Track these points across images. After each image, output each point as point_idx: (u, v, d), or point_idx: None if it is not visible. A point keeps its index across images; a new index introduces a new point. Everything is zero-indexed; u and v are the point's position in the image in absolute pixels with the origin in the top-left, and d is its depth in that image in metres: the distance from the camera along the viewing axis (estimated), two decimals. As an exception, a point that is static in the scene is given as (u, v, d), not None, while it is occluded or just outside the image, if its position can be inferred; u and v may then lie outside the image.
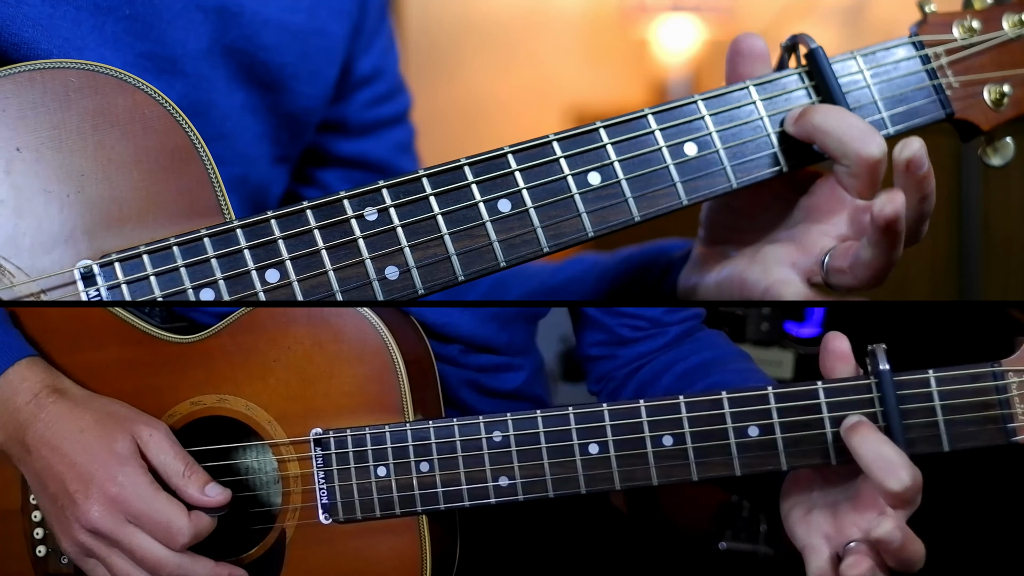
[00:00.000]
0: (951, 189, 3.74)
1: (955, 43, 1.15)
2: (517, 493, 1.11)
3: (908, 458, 1.00)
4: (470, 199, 1.02)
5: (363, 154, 1.48)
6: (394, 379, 1.13)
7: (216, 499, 1.13)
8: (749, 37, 1.11)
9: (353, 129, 1.47)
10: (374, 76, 1.47)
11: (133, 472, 1.11)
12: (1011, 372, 1.03)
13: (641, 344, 1.39)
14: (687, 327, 1.41)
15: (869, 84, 1.12)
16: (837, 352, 1.06)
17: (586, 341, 1.43)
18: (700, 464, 1.08)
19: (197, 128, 1.02)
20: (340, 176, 1.49)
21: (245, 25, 1.27)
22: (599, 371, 1.43)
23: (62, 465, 1.12)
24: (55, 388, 1.16)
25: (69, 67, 0.99)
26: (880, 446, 1.00)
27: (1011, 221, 3.70)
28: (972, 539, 2.23)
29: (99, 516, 1.10)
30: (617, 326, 1.39)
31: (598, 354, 1.43)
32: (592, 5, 4.32)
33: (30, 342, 1.19)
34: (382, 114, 1.50)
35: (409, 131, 1.57)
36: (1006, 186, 3.70)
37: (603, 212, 1.05)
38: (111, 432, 1.13)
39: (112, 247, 0.98)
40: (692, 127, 1.08)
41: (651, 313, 1.39)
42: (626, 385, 1.39)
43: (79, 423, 1.13)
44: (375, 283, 1.00)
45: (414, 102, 1.58)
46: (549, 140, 1.05)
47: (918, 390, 1.04)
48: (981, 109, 1.15)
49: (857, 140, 1.04)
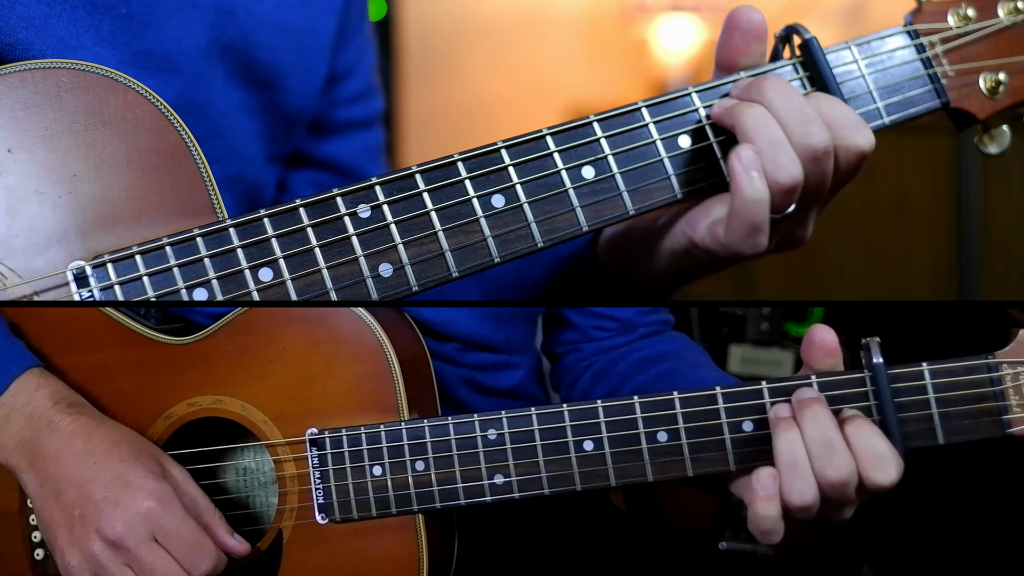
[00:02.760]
0: (951, 189, 3.74)
1: (950, 31, 1.14)
2: (513, 491, 1.11)
3: (899, 454, 1.00)
4: (463, 195, 1.02)
5: (331, 156, 1.47)
6: (389, 379, 1.13)
7: (243, 549, 1.13)
8: (748, 11, 1.08)
9: (325, 128, 1.46)
10: (347, 74, 1.46)
11: (169, 492, 1.10)
12: (1005, 364, 1.03)
13: (605, 341, 1.40)
14: (654, 328, 1.42)
15: (864, 74, 1.11)
16: (823, 345, 1.05)
17: (556, 339, 1.44)
18: (695, 460, 1.08)
19: (193, 127, 1.02)
20: (307, 179, 1.49)
21: (240, 23, 1.26)
22: (562, 365, 1.44)
23: (89, 472, 1.10)
24: (73, 402, 1.15)
25: (60, 67, 0.99)
26: (872, 439, 1.00)
27: (1011, 221, 3.71)
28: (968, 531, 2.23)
29: (124, 528, 1.08)
30: (589, 327, 1.40)
31: (563, 350, 1.44)
32: (592, 5, 4.32)
33: (29, 345, 1.19)
34: (352, 115, 1.49)
35: (379, 137, 1.55)
36: (1006, 186, 3.71)
37: (597, 206, 1.04)
38: (144, 453, 1.12)
39: (105, 247, 0.98)
40: (686, 119, 1.07)
41: (623, 314, 1.39)
42: (583, 376, 1.40)
43: (110, 436, 1.12)
44: (369, 281, 1.00)
45: (411, 103, 1.57)
46: (542, 134, 1.04)
47: (912, 383, 1.04)
48: (977, 98, 1.14)
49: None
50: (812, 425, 1.01)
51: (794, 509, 1.00)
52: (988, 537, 2.21)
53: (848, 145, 1.04)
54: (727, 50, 1.09)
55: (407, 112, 4.07)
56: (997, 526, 2.19)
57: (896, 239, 3.71)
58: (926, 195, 3.75)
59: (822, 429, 1.00)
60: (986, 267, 3.71)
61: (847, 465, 0.99)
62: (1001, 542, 2.17)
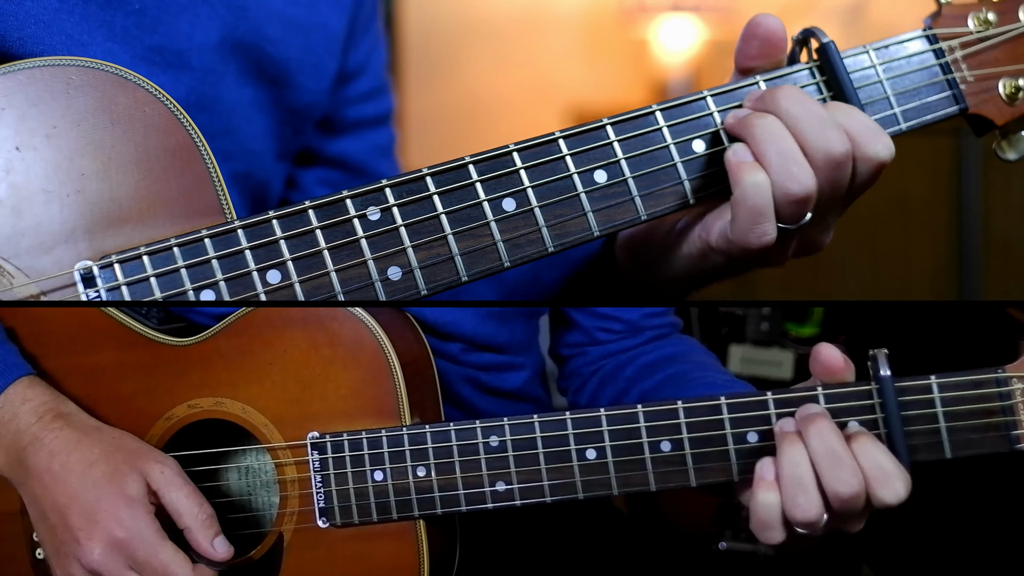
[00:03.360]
0: (951, 189, 3.74)
1: (970, 36, 1.12)
2: (515, 498, 1.10)
3: (905, 470, 1.00)
4: (474, 198, 1.01)
5: (342, 154, 1.46)
6: (390, 382, 1.13)
7: (222, 554, 1.12)
8: (767, 19, 1.06)
9: (336, 126, 1.45)
10: (357, 72, 1.45)
11: (141, 517, 1.09)
12: (1015, 379, 1.02)
13: (612, 344, 1.40)
14: (661, 332, 1.41)
15: (882, 79, 1.10)
16: (827, 365, 1.05)
17: (562, 341, 1.43)
18: (698, 470, 1.07)
19: (203, 123, 1.01)
20: (317, 177, 1.48)
21: (252, 19, 1.26)
22: (569, 368, 1.44)
23: (66, 498, 1.10)
24: (59, 413, 1.14)
25: (69, 64, 0.98)
26: (877, 456, 0.99)
27: (1011, 221, 3.71)
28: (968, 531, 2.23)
29: (101, 558, 1.09)
30: (594, 329, 1.40)
31: (570, 353, 1.43)
32: (592, 5, 4.32)
33: (28, 346, 1.18)
34: (363, 113, 1.48)
35: (390, 135, 1.54)
36: (1006, 186, 3.71)
37: (609, 211, 1.03)
38: (121, 469, 1.11)
39: (112, 247, 0.97)
40: (700, 124, 1.06)
41: (630, 316, 1.39)
42: (590, 380, 1.40)
43: (87, 455, 1.11)
44: (377, 284, 0.99)
45: (411, 103, 1.56)
46: (555, 137, 1.03)
47: (920, 396, 1.03)
48: (995, 103, 1.13)
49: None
50: (818, 440, 1.00)
51: (798, 523, 0.99)
52: (988, 537, 2.22)
53: (868, 155, 1.02)
54: (745, 57, 1.08)
55: (407, 112, 4.06)
56: (997, 526, 2.20)
57: (896, 239, 3.71)
58: (926, 195, 3.75)
59: (828, 444, 0.99)
60: (986, 267, 3.71)
61: (856, 478, 0.98)
62: (1001, 542, 2.17)
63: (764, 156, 1.01)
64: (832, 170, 1.01)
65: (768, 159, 1.00)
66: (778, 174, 1.00)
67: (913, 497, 1.00)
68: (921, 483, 1.01)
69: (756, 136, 1.02)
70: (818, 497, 0.99)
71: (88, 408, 1.17)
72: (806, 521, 0.99)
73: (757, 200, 1.00)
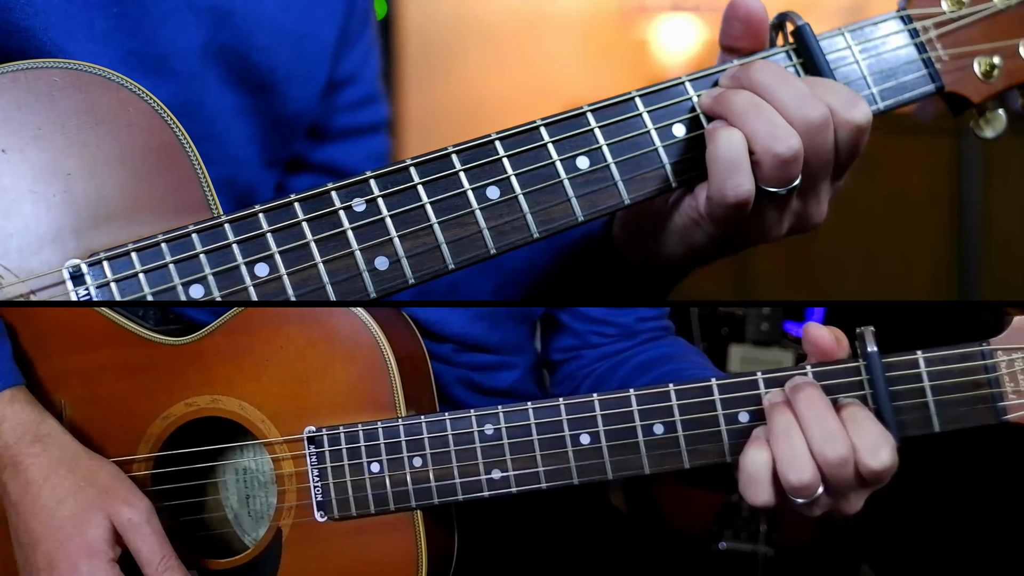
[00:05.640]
0: (951, 189, 3.74)
1: (944, 16, 1.14)
2: (510, 485, 1.10)
3: (892, 439, 1.00)
4: (458, 187, 1.02)
5: (334, 161, 1.46)
6: (386, 376, 1.13)
7: None
8: (748, 2, 1.08)
9: (326, 134, 1.45)
10: (349, 80, 1.45)
11: (99, 569, 1.10)
12: (1000, 351, 1.03)
13: (606, 347, 1.40)
14: (654, 334, 1.42)
15: (858, 60, 1.11)
16: (818, 344, 1.05)
17: (554, 346, 1.44)
18: (691, 451, 1.07)
19: (185, 128, 1.02)
20: (308, 184, 1.46)
21: (238, 26, 1.26)
22: (562, 373, 1.44)
23: (32, 536, 1.12)
24: (38, 435, 1.15)
25: (53, 67, 0.99)
26: (866, 422, 1.00)
27: (1011, 221, 3.70)
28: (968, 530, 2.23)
29: None
30: (588, 333, 1.40)
31: (563, 358, 1.44)
32: (592, 5, 4.32)
33: (26, 347, 1.19)
34: (357, 121, 1.48)
35: (384, 143, 1.54)
36: (1006, 186, 3.71)
37: (593, 196, 1.04)
38: (88, 513, 1.12)
39: (100, 246, 0.98)
40: (680, 108, 1.07)
41: (623, 320, 1.39)
42: (584, 383, 1.40)
43: (57, 492, 1.12)
44: (365, 274, 0.99)
45: (411, 104, 1.56)
46: (536, 125, 1.05)
47: (907, 371, 1.03)
48: (971, 81, 1.14)
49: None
50: (806, 406, 1.00)
51: (792, 487, 0.99)
52: (987, 536, 2.21)
53: (845, 120, 1.03)
54: (728, 40, 1.10)
55: (407, 112, 4.06)
56: (996, 525, 2.19)
57: (896, 239, 3.70)
58: (926, 195, 3.75)
59: (816, 409, 1.00)
60: (986, 267, 3.71)
61: (844, 442, 0.99)
62: (1000, 540, 2.17)
63: (745, 126, 1.02)
64: (813, 135, 1.02)
65: (749, 127, 1.02)
66: (762, 140, 1.01)
67: (912, 496, 1.01)
68: (921, 483, 1.02)
69: (734, 110, 1.03)
70: (810, 461, 0.99)
71: (86, 408, 1.18)
72: (800, 483, 0.99)
73: (730, 152, 1.01)
